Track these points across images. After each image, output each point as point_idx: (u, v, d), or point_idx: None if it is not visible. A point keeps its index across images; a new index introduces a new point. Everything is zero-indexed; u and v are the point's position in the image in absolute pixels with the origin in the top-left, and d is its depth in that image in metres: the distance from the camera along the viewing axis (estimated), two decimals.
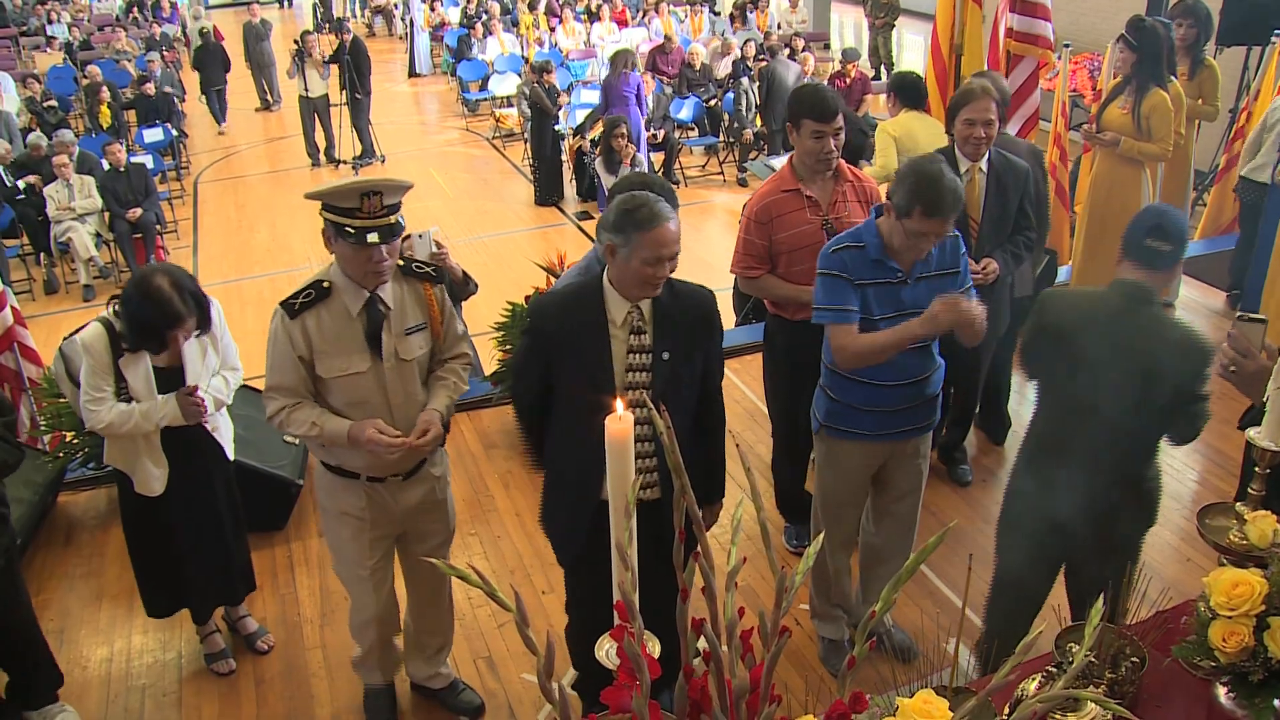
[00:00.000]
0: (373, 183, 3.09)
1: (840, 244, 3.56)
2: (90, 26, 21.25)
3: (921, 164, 3.35)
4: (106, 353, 3.82)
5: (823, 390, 3.84)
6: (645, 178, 3.74)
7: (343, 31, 13.04)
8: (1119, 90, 6.20)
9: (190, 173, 13.42)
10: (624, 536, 1.48)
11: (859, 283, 3.51)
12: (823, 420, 3.83)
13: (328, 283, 3.26)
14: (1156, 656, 2.49)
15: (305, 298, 3.24)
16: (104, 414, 3.81)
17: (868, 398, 3.67)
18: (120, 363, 3.84)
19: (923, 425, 3.81)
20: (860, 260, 3.50)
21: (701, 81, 13.32)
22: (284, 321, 3.24)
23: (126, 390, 3.86)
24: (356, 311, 3.27)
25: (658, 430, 1.44)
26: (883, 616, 1.32)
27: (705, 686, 1.45)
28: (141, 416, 3.84)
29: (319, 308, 3.24)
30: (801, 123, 4.10)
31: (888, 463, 3.87)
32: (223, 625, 4.51)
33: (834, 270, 3.52)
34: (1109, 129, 6.17)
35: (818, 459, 3.98)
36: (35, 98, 13.60)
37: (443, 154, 13.71)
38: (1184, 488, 5.32)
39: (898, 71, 6.27)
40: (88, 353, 3.81)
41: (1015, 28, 6.45)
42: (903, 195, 3.32)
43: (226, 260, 10.08)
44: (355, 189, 3.06)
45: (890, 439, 3.77)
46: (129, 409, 3.83)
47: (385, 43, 22.28)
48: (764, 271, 4.28)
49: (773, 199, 4.22)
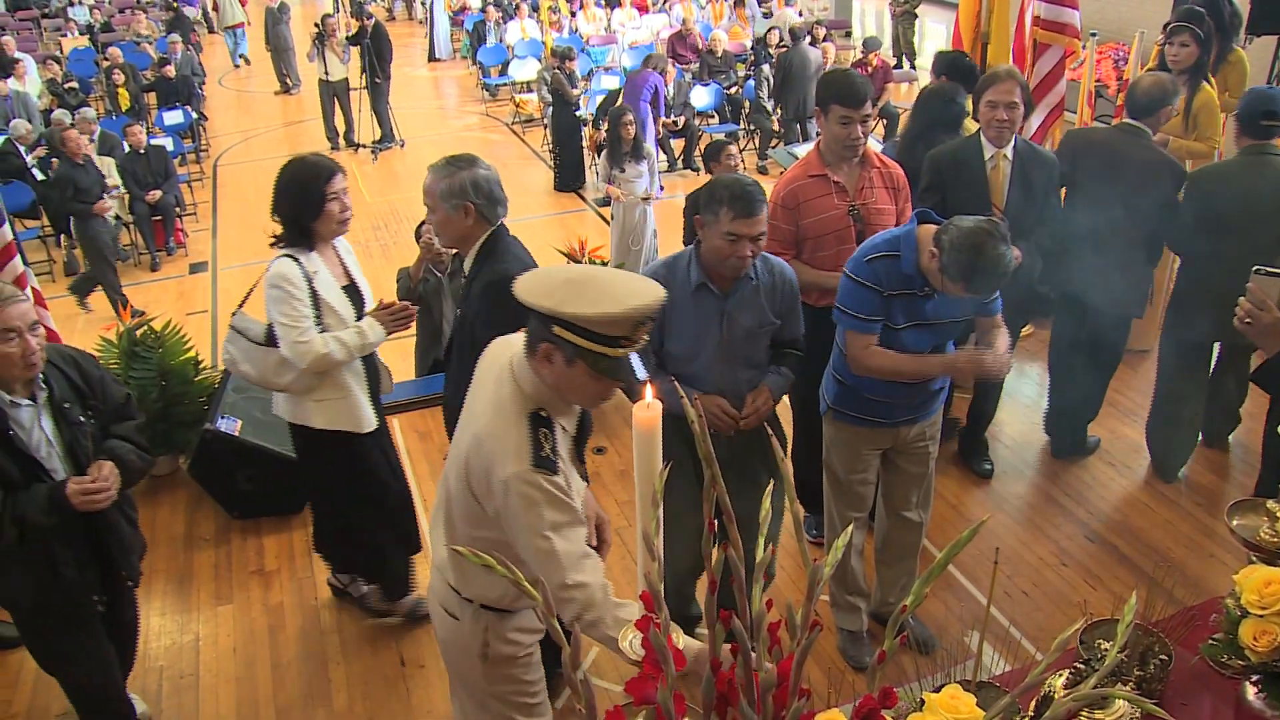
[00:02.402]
0: (650, 309, 2.30)
1: (877, 251, 3.51)
2: (111, 9, 21.31)
3: (977, 238, 3.18)
4: (301, 279, 3.76)
5: (832, 374, 3.87)
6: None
7: (364, 15, 13.01)
8: None
9: (210, 155, 13.44)
10: (651, 526, 1.46)
11: (888, 294, 3.49)
12: (831, 403, 3.88)
13: (545, 411, 2.47)
14: (1183, 654, 2.46)
15: (547, 441, 2.43)
16: (316, 344, 3.73)
17: (875, 387, 3.67)
18: (314, 283, 3.79)
19: (928, 412, 3.85)
20: (893, 270, 3.46)
21: (722, 68, 13.25)
22: (551, 482, 2.40)
23: (320, 323, 3.82)
24: (572, 431, 2.63)
25: (689, 420, 1.41)
26: (913, 610, 1.30)
27: (732, 679, 1.43)
28: (358, 335, 3.84)
29: (557, 444, 2.51)
30: (830, 108, 4.06)
31: (894, 445, 3.90)
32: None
33: (865, 280, 3.49)
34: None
35: (825, 439, 4.00)
36: (56, 79, 13.63)
37: (462, 139, 13.68)
38: (1207, 483, 5.27)
39: (943, 51, 6.06)
40: (284, 281, 3.72)
41: (1042, 15, 6.37)
42: (953, 263, 3.22)
43: (245, 243, 10.08)
44: (631, 318, 2.27)
45: (895, 426, 3.81)
46: (340, 335, 3.81)
47: (405, 26, 22.27)
48: (789, 257, 4.23)
49: (799, 184, 4.18)
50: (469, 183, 3.38)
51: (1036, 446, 5.67)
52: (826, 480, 4.06)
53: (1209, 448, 5.54)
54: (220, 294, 8.81)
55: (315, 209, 3.74)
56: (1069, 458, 5.51)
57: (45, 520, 3.11)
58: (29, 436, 3.16)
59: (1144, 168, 4.69)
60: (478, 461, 2.41)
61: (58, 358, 3.30)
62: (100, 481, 3.16)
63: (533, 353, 2.39)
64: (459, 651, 2.77)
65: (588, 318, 2.23)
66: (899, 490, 4.03)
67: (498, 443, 2.39)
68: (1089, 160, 4.89)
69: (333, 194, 3.74)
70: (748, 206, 3.30)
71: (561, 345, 2.30)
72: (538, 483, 2.36)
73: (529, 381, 2.44)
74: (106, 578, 3.48)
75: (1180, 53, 5.65)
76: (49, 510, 3.11)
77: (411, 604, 4.51)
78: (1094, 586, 4.52)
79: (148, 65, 15.29)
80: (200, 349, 6.28)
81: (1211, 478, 5.33)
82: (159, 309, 7.88)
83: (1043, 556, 4.74)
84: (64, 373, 3.29)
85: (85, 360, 3.44)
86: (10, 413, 3.12)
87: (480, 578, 2.62)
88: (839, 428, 3.89)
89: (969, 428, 5.47)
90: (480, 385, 2.57)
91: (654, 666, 1.44)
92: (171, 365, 5.63)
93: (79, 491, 3.12)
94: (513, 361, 2.49)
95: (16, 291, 3.08)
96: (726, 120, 12.70)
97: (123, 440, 3.39)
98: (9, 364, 3.04)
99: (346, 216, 3.84)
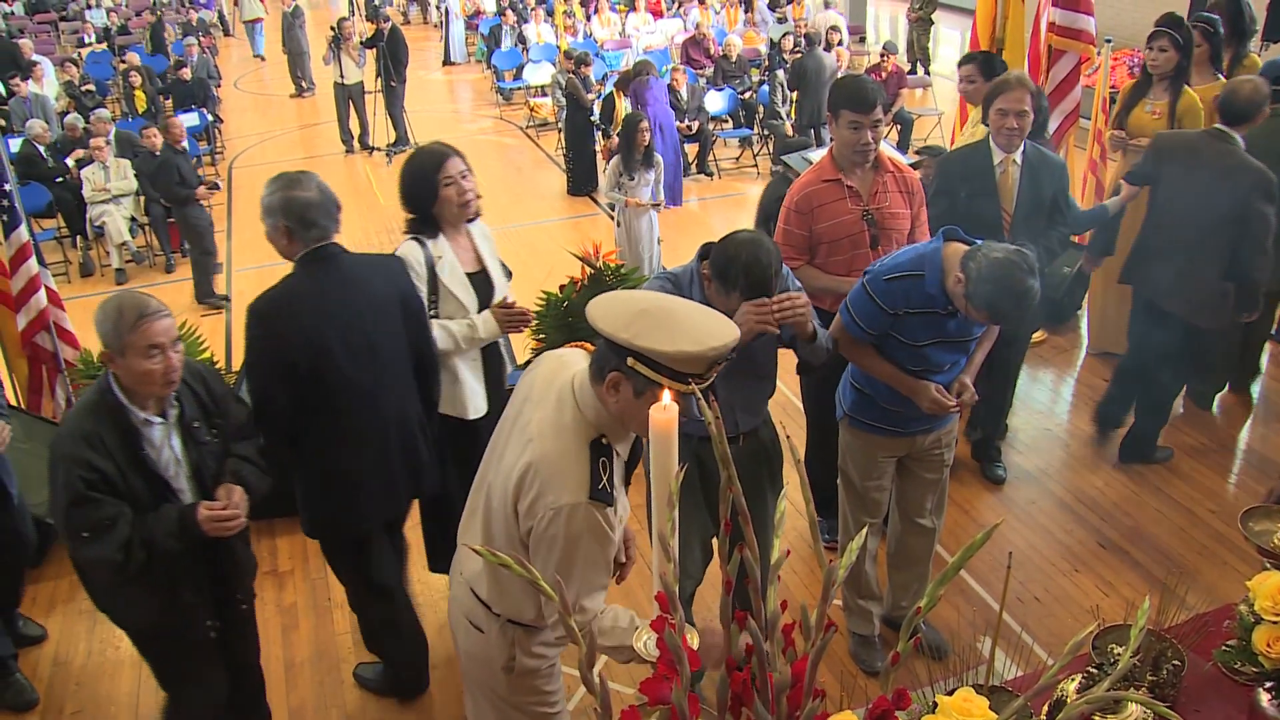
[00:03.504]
0: (726, 349, 2.25)
1: (899, 271, 3.46)
2: (128, 11, 21.42)
3: (1005, 270, 3.15)
4: (421, 262, 3.80)
5: (850, 382, 3.87)
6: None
7: (380, 19, 13.05)
8: (1141, 92, 5.84)
9: (225, 157, 13.50)
10: (667, 527, 1.47)
11: (905, 312, 3.46)
12: (847, 410, 3.88)
13: (606, 439, 2.44)
14: (1195, 660, 2.46)
15: (605, 470, 2.40)
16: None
17: (892, 396, 3.66)
18: (436, 268, 3.82)
19: (944, 420, 3.84)
20: (915, 290, 3.42)
21: (737, 73, 13.26)
22: (605, 515, 2.39)
23: (435, 308, 3.84)
24: (625, 457, 2.61)
25: (706, 421, 1.41)
26: (926, 613, 1.30)
27: (747, 680, 1.44)
28: (468, 328, 3.86)
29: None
30: (840, 113, 4.07)
31: (910, 453, 3.90)
32: None
33: (878, 297, 3.48)
34: (1141, 134, 5.78)
35: (841, 445, 4.01)
36: (74, 81, 13.71)
37: (476, 142, 13.71)
38: (1220, 490, 5.26)
39: (974, 53, 6.09)
40: (408, 267, 3.75)
41: (1057, 21, 6.35)
42: (979, 294, 3.19)
43: (260, 245, 9.93)
44: (708, 358, 2.23)
45: (912, 434, 3.81)
46: (449, 325, 3.83)
47: (420, 30, 22.33)
48: (803, 261, 4.25)
49: (813, 188, 4.18)
50: (279, 204, 3.40)
51: (1049, 452, 5.67)
52: (842, 485, 4.07)
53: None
54: (234, 295, 8.84)
55: (432, 195, 3.81)
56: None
57: (174, 544, 3.01)
58: (159, 455, 3.07)
59: (1223, 173, 4.68)
60: (532, 482, 2.38)
61: (187, 373, 3.16)
62: (232, 509, 3.08)
63: (599, 379, 2.33)
64: (482, 663, 2.74)
65: (665, 354, 2.19)
66: (914, 496, 4.03)
67: (558, 469, 2.36)
68: (1170, 164, 4.91)
69: (448, 179, 3.78)
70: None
71: (633, 377, 2.25)
72: (591, 516, 2.34)
73: (591, 408, 2.40)
74: (220, 600, 3.38)
75: (1159, 58, 5.63)
76: (179, 534, 3.01)
77: None
78: (1106, 593, 4.52)
79: (164, 68, 15.37)
80: (215, 350, 6.30)
81: (1225, 484, 5.32)
82: (174, 310, 7.92)
83: (1055, 562, 4.73)
84: (193, 390, 3.18)
85: (212, 377, 3.34)
86: (143, 431, 3.03)
87: (515, 596, 2.59)
88: (855, 434, 3.89)
89: (984, 430, 5.46)
90: (538, 404, 2.50)
91: (668, 667, 1.45)
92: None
93: (210, 518, 3.02)
94: (575, 384, 2.45)
95: (162, 306, 2.99)
96: (740, 125, 12.70)
97: (243, 460, 3.30)
98: (149, 380, 2.94)
99: (467, 199, 3.85)
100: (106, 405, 2.99)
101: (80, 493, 2.90)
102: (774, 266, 3.17)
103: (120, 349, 2.91)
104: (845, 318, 3.61)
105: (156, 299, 2.99)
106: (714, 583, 4.08)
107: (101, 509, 2.92)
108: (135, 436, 3.00)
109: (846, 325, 3.60)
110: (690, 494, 3.52)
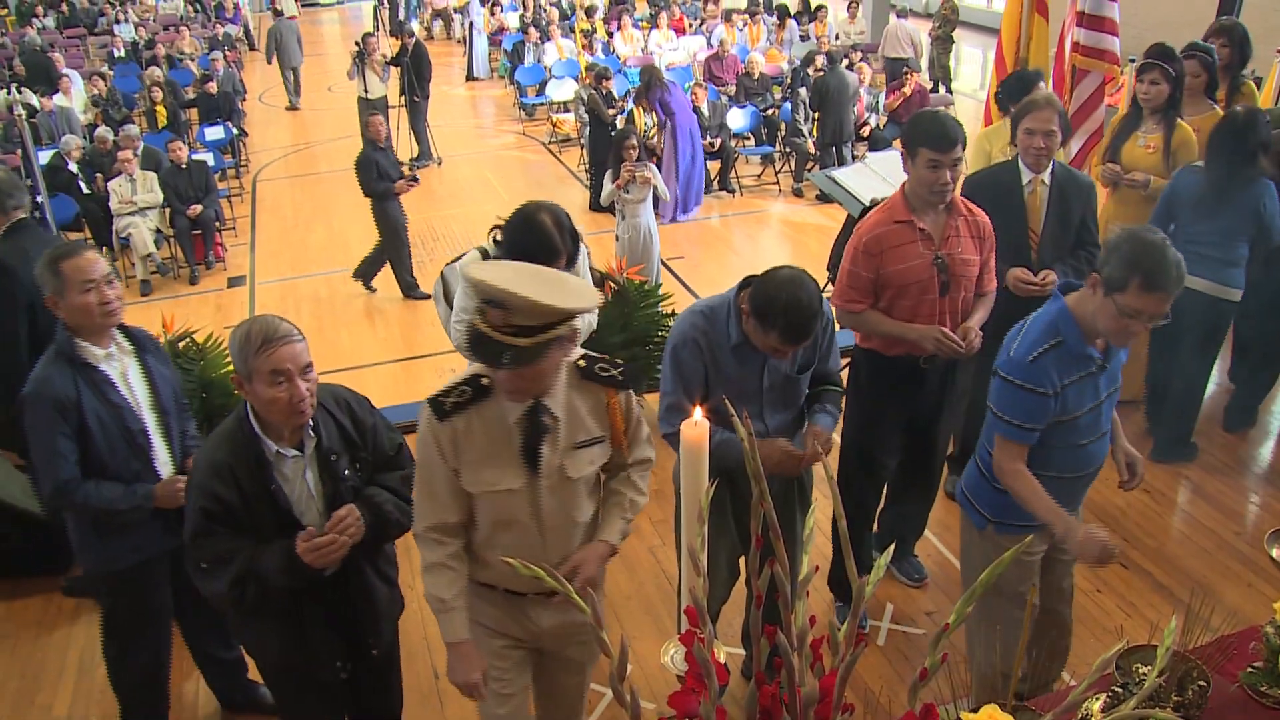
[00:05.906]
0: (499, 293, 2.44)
1: (1038, 348, 3.08)
2: (155, 26, 21.67)
3: (1140, 233, 2.94)
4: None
5: (988, 486, 3.36)
6: None
7: (405, 34, 13.15)
8: (1133, 125, 5.67)
9: (249, 170, 13.60)
10: (697, 542, 1.48)
11: (1061, 387, 3.09)
12: (991, 516, 3.39)
13: (488, 379, 2.66)
14: (1221, 682, 2.45)
15: (459, 396, 2.66)
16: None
17: (1050, 489, 3.20)
18: None
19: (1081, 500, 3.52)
20: (1063, 359, 3.07)
21: (759, 90, 13.30)
22: (431, 424, 2.68)
23: None
24: (515, 419, 2.69)
25: (740, 437, 1.43)
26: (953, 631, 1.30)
27: (775, 694, 1.45)
28: None
29: (473, 410, 2.68)
30: (918, 151, 3.82)
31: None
32: None
33: (1036, 386, 3.07)
34: (1135, 168, 5.61)
35: (982, 560, 3.40)
36: (101, 95, 13.85)
37: (498, 157, 13.78)
38: (1244, 511, 5.23)
39: (1014, 73, 6.21)
40: (465, 276, 3.75)
41: (1082, 42, 6.36)
42: (1117, 266, 2.92)
43: (283, 258, 10.19)
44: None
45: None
46: None
47: (443, 46, 22.46)
48: (867, 305, 4.04)
49: (884, 230, 3.94)
50: None
51: None
52: (986, 611, 3.47)
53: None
54: (257, 308, 8.89)
55: None
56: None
57: (282, 580, 2.83)
58: (292, 490, 2.89)
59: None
60: None
61: (330, 400, 2.98)
62: (330, 534, 2.84)
63: None
64: None
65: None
66: (1055, 584, 3.63)
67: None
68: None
69: None
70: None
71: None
72: (423, 414, 2.73)
73: None
74: (353, 643, 3.18)
75: (1151, 90, 5.53)
76: (287, 569, 2.81)
77: None
78: (1129, 614, 4.50)
79: (190, 82, 15.52)
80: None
81: (1250, 506, 5.29)
82: (198, 322, 7.97)
83: (1077, 582, 4.70)
84: (335, 419, 2.97)
85: (359, 404, 3.08)
86: (276, 464, 2.85)
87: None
88: (1003, 542, 3.34)
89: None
90: None
91: (697, 680, 1.46)
92: (212, 378, 5.67)
93: (309, 548, 2.80)
94: None
95: (292, 330, 2.79)
96: (762, 143, 12.73)
97: (383, 489, 3.05)
98: (275, 409, 2.76)
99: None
100: (240, 435, 2.85)
101: (201, 524, 2.82)
102: (814, 308, 3.13)
103: (247, 374, 2.75)
104: (1007, 430, 3.16)
105: (289, 323, 2.82)
106: (738, 602, 4.08)
107: (220, 542, 2.82)
108: (267, 468, 2.84)
109: (1008, 435, 3.16)
110: (719, 514, 3.50)
